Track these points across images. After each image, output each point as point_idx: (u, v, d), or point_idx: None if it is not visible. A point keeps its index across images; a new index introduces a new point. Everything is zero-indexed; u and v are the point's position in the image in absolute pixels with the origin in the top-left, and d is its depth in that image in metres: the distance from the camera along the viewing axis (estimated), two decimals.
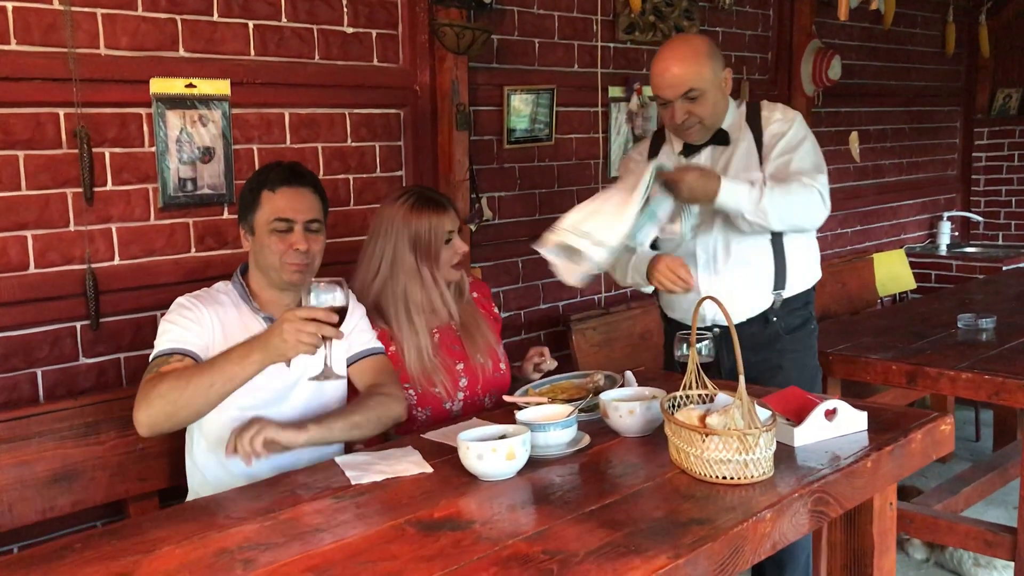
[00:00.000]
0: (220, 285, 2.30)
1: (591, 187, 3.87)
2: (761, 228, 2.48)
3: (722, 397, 1.91)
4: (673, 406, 1.94)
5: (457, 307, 2.56)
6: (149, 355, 2.61)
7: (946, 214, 6.08)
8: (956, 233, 6.20)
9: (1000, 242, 6.31)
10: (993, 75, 6.34)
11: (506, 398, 2.35)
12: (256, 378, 2.14)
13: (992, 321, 3.22)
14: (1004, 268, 5.25)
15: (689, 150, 2.65)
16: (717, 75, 2.52)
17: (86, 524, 2.48)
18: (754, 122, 2.61)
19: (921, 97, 5.95)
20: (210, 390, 1.97)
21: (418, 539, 1.57)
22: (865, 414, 2.01)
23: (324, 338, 1.92)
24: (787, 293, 2.64)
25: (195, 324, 2.16)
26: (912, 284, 5.53)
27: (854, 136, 4.94)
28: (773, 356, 2.64)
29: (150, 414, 2.00)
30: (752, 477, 1.73)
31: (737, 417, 1.75)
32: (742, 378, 1.75)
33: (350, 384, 2.35)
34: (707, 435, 1.73)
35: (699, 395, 1.96)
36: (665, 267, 2.47)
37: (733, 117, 2.63)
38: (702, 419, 1.78)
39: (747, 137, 2.60)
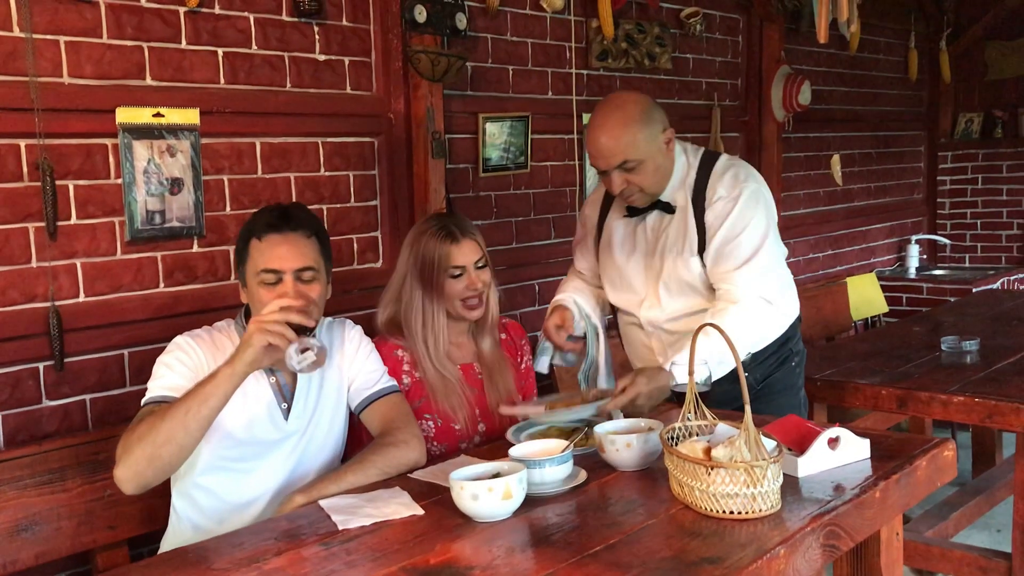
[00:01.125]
0: (222, 324, 2.18)
1: (567, 214, 3.82)
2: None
3: (723, 428, 1.85)
4: (673, 438, 1.87)
5: (481, 346, 2.48)
6: (117, 395, 2.55)
7: (914, 237, 6.11)
8: (924, 256, 6.24)
9: (967, 264, 6.36)
10: (955, 100, 6.43)
11: (503, 409, 2.30)
12: (241, 431, 2.05)
13: (976, 343, 3.20)
14: (974, 290, 5.27)
15: (633, 211, 2.52)
16: (654, 140, 2.34)
17: None
18: (699, 192, 2.42)
19: (887, 122, 6.01)
20: (187, 416, 1.83)
21: None
22: (868, 442, 1.95)
23: (300, 332, 1.88)
24: (756, 349, 2.44)
25: (190, 371, 2.03)
26: (884, 308, 5.54)
27: (836, 159, 4.96)
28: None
29: (128, 464, 1.87)
30: (761, 511, 1.66)
31: (743, 449, 1.68)
32: (748, 408, 1.69)
33: (364, 429, 2.24)
34: (712, 468, 1.66)
35: (699, 426, 1.89)
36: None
37: (679, 180, 2.45)
38: (707, 452, 1.71)
39: (685, 211, 2.43)
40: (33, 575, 2.27)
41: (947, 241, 6.32)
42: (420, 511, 1.81)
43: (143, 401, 2.03)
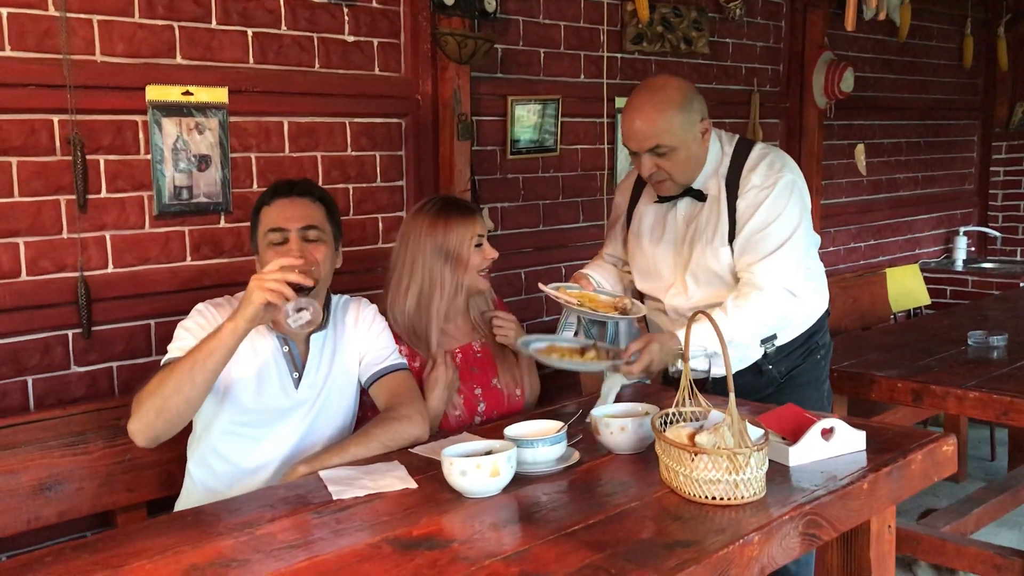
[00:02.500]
0: (242, 293, 2.26)
1: (596, 198, 3.83)
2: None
3: (715, 414, 1.86)
4: (665, 423, 1.89)
5: (480, 321, 2.53)
6: (143, 363, 2.65)
7: (962, 229, 5.99)
8: (973, 248, 6.10)
9: (1018, 258, 6.21)
10: (1012, 88, 6.25)
11: (540, 286, 2.37)
12: (252, 399, 2.12)
13: (1004, 339, 3.14)
14: (1022, 284, 5.15)
15: (664, 197, 2.49)
16: (690, 129, 2.33)
17: (73, 535, 2.44)
18: (733, 180, 2.40)
19: (938, 110, 5.87)
20: (193, 370, 1.91)
21: (393, 558, 1.52)
22: (863, 433, 1.95)
23: (299, 290, 1.92)
24: (781, 340, 2.46)
25: (201, 335, 2.08)
26: (926, 300, 5.44)
27: (860, 148, 4.86)
28: (772, 396, 2.46)
29: (140, 416, 1.97)
30: (743, 498, 1.68)
31: (727, 436, 1.69)
32: (732, 395, 1.70)
33: (372, 404, 2.30)
34: (696, 454, 1.68)
35: (692, 412, 1.91)
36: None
37: (712, 169, 2.43)
38: (691, 437, 1.73)
39: (720, 200, 2.41)
40: (55, 532, 2.39)
41: (997, 234, 6.17)
42: (414, 485, 1.86)
43: (162, 362, 2.11)
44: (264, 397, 2.16)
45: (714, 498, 1.68)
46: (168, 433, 2.01)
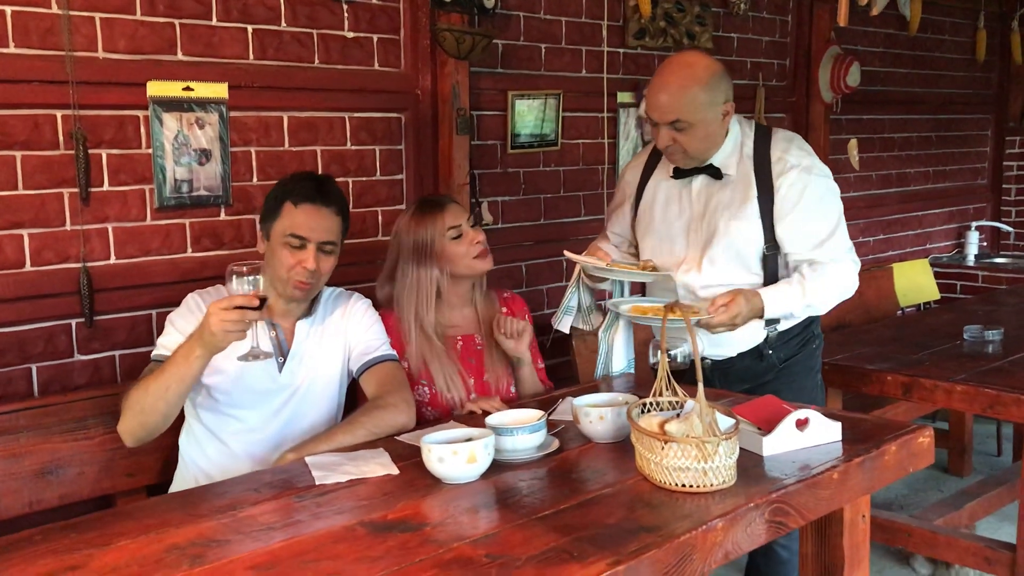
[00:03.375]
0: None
1: (598, 192, 3.87)
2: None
3: (691, 404, 1.89)
4: (644, 413, 1.92)
5: (483, 314, 2.59)
6: (145, 352, 2.70)
7: (974, 224, 5.96)
8: (985, 243, 6.07)
9: None
10: None
11: (567, 253, 2.50)
12: (235, 376, 2.20)
13: (999, 333, 3.15)
14: None
15: (680, 173, 2.54)
16: (712, 108, 2.37)
17: (74, 518, 2.52)
18: (761, 161, 2.46)
19: (950, 105, 5.85)
20: (167, 392, 2.04)
21: (366, 540, 1.57)
22: (839, 424, 1.98)
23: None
24: (784, 326, 2.52)
25: (189, 329, 2.16)
26: (936, 294, 5.42)
27: (853, 143, 4.84)
28: (769, 383, 2.52)
29: (125, 424, 2.14)
30: (711, 485, 1.71)
31: (697, 424, 1.73)
32: (701, 385, 1.74)
33: (361, 392, 2.38)
34: (666, 442, 1.72)
35: (669, 402, 1.94)
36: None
37: (732, 148, 2.49)
38: (662, 425, 1.77)
39: (748, 176, 2.46)
40: (57, 515, 2.45)
41: (1010, 229, 6.14)
42: (395, 471, 1.91)
43: (152, 356, 2.23)
44: (247, 378, 2.24)
45: (684, 485, 1.72)
46: (151, 437, 2.18)
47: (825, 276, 2.39)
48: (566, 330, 2.71)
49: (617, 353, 2.64)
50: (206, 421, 2.27)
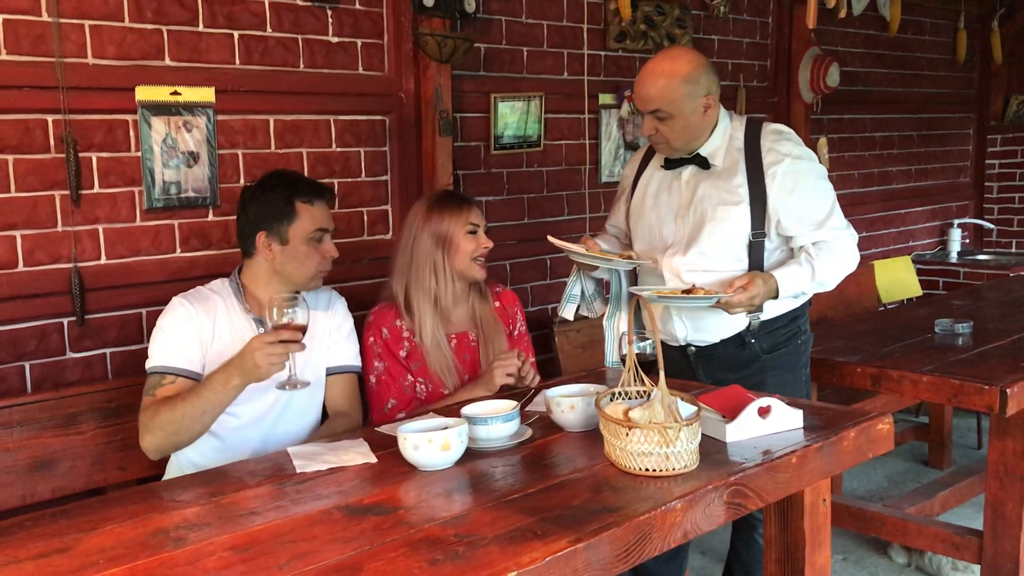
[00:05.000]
0: (215, 284, 2.45)
1: (580, 192, 3.95)
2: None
3: (657, 393, 1.97)
4: (612, 401, 2.00)
5: (479, 310, 2.68)
6: (135, 350, 2.78)
7: (956, 221, 6.05)
8: (968, 241, 6.16)
9: (1013, 250, 6.27)
10: (1007, 82, 6.31)
11: (550, 238, 2.59)
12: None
13: (969, 326, 3.23)
14: (1011, 275, 5.22)
15: (671, 164, 2.64)
16: (691, 100, 2.48)
17: None
18: (751, 152, 2.56)
19: (932, 104, 5.94)
20: (204, 416, 2.17)
21: (342, 523, 1.65)
22: (800, 412, 2.06)
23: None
24: (766, 315, 2.59)
25: (186, 334, 2.30)
26: (918, 291, 5.51)
27: (822, 142, 4.92)
28: (753, 374, 2.60)
29: (153, 442, 2.22)
30: (674, 469, 1.79)
31: (659, 411, 1.81)
32: (662, 373, 1.82)
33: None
34: (630, 428, 1.80)
35: (637, 391, 2.02)
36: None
37: (720, 139, 2.59)
38: (626, 413, 1.85)
39: (737, 165, 2.56)
40: (50, 507, 2.52)
41: (992, 226, 6.23)
42: (374, 459, 1.99)
43: (149, 367, 2.32)
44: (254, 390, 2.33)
45: (647, 470, 1.80)
46: (178, 450, 2.30)
47: (830, 253, 2.52)
48: (571, 317, 2.81)
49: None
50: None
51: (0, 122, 2.51)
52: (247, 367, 2.10)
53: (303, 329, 2.11)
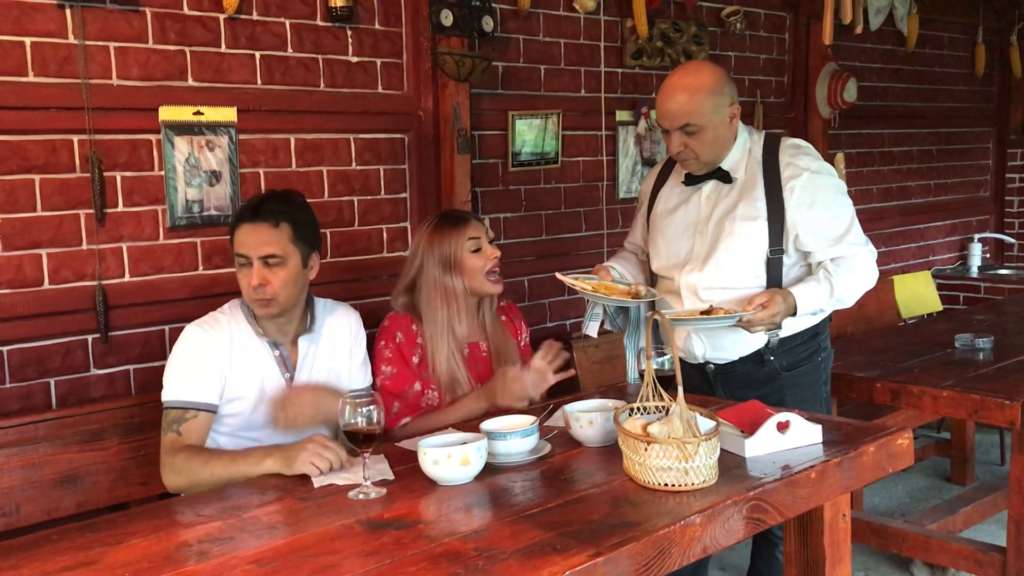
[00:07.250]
0: (227, 306, 2.42)
1: (597, 208, 3.96)
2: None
3: (676, 408, 1.98)
4: (631, 417, 2.01)
5: (489, 321, 2.69)
6: (158, 367, 2.79)
7: (977, 236, 6.02)
8: (989, 255, 6.13)
9: None
10: None
11: (558, 275, 2.54)
12: (259, 406, 2.34)
13: (989, 341, 3.22)
14: None
15: (691, 180, 2.64)
16: (719, 111, 2.48)
17: None
18: (770, 166, 2.55)
19: (951, 118, 5.92)
20: (226, 479, 2.09)
21: (363, 536, 1.67)
22: (819, 427, 2.06)
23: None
24: (785, 332, 2.57)
25: (204, 365, 2.28)
26: (938, 306, 5.47)
27: (839, 157, 4.92)
28: (773, 392, 2.55)
29: (177, 484, 2.20)
30: (693, 484, 1.80)
31: (678, 426, 1.82)
32: (680, 388, 1.83)
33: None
34: (649, 443, 1.80)
35: (656, 407, 2.03)
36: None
37: (740, 153, 2.58)
38: (645, 428, 1.86)
39: (755, 179, 2.55)
40: (74, 522, 2.55)
41: (1013, 240, 6.19)
42: (391, 476, 2.00)
43: (167, 399, 2.28)
44: (265, 403, 2.34)
45: (666, 485, 1.80)
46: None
47: (849, 270, 2.51)
48: (595, 335, 2.75)
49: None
50: (222, 443, 2.34)
51: (27, 142, 2.56)
52: (289, 455, 2.04)
53: (371, 436, 1.93)
